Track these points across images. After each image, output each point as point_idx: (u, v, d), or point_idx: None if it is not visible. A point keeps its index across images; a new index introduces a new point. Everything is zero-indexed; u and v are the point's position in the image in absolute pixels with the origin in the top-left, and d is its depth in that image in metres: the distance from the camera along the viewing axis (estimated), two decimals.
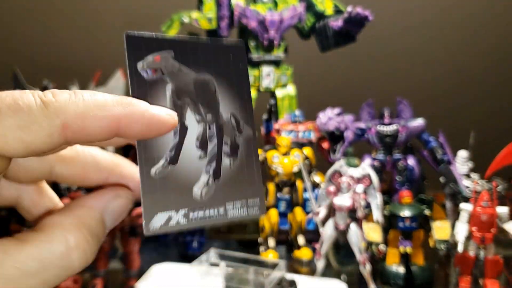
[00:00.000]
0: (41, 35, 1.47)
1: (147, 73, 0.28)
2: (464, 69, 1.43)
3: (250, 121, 0.31)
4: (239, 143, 0.30)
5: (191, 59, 0.29)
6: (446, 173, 0.84)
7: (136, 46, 0.28)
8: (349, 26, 0.96)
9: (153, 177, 0.28)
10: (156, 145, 0.28)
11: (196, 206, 0.29)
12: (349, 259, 0.82)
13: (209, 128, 0.30)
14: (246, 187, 0.30)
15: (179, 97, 0.29)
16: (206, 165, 0.29)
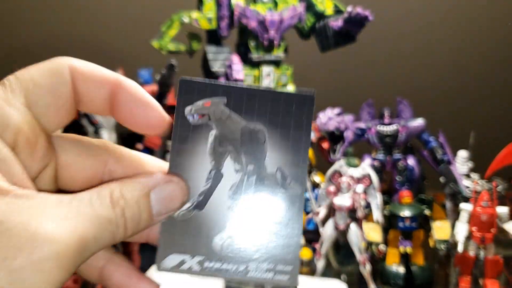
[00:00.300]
0: (41, 35, 1.47)
1: (193, 117, 0.28)
2: (464, 69, 1.43)
3: (301, 179, 0.28)
4: (280, 200, 0.28)
5: (245, 107, 0.28)
6: (446, 173, 0.84)
7: (188, 90, 0.28)
8: (349, 26, 0.96)
9: (175, 219, 0.28)
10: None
11: (214, 256, 0.28)
12: (349, 259, 0.82)
13: (248, 180, 0.28)
14: (279, 250, 0.28)
15: (221, 144, 0.28)
16: (235, 217, 0.28)
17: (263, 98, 0.28)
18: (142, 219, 0.25)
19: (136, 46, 1.17)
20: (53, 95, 0.26)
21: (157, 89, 0.99)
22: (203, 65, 1.02)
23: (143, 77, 1.10)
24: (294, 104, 0.28)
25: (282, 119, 0.28)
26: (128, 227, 0.25)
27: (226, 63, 0.99)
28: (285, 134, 0.28)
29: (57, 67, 0.27)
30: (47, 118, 0.26)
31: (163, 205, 0.26)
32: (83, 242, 0.22)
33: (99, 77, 0.28)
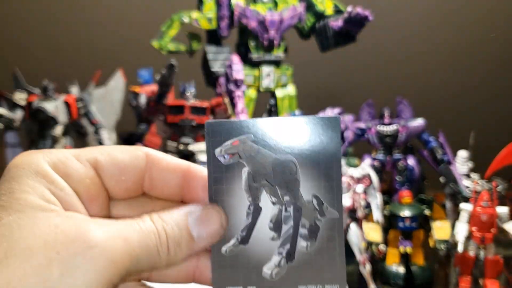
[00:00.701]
0: (41, 35, 1.47)
1: (225, 158, 0.29)
2: (464, 69, 1.43)
3: (337, 203, 0.29)
4: (319, 226, 0.29)
5: (272, 140, 0.29)
6: (446, 173, 0.84)
7: (215, 132, 0.29)
8: (349, 26, 0.96)
9: (223, 255, 0.29)
10: (229, 224, 0.29)
11: (265, 285, 0.29)
12: (349, 259, 0.82)
13: (286, 210, 0.29)
14: (325, 271, 0.29)
15: (255, 179, 0.29)
16: (279, 247, 0.29)
17: (288, 127, 0.29)
18: (183, 238, 0.27)
19: (136, 46, 1.17)
20: (124, 173, 0.28)
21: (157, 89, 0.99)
22: (203, 65, 1.03)
23: (143, 77, 1.10)
24: (321, 128, 0.29)
25: (311, 147, 0.29)
26: (170, 246, 0.26)
27: (226, 63, 0.99)
28: (316, 161, 0.29)
29: (135, 151, 0.29)
30: (114, 189, 0.29)
31: (201, 226, 0.28)
32: (131, 252, 0.25)
33: (172, 165, 0.30)
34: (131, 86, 1.09)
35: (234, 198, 0.29)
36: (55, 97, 0.95)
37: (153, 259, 0.26)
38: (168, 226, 0.27)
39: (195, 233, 0.28)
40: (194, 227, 0.28)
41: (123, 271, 0.24)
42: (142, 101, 1.05)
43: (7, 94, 0.95)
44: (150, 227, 0.26)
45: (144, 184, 0.29)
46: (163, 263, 0.27)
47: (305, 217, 0.29)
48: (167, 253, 0.26)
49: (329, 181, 0.29)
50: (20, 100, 0.94)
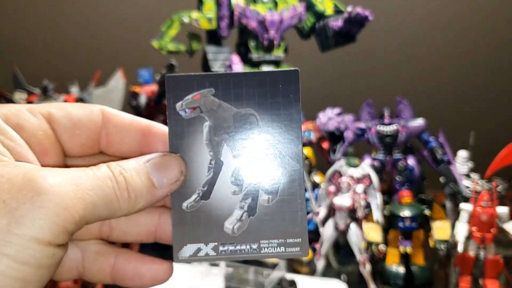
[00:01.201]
0: (41, 35, 1.47)
1: (186, 112, 0.29)
2: (464, 69, 1.43)
3: (298, 155, 0.29)
4: (281, 178, 0.29)
5: (233, 94, 0.29)
6: (446, 173, 0.84)
7: (176, 86, 0.29)
8: (349, 26, 0.96)
9: (184, 211, 0.29)
10: (189, 180, 0.29)
11: (227, 240, 0.29)
12: (349, 259, 0.82)
13: (247, 163, 0.29)
14: (287, 225, 0.29)
15: (216, 133, 0.29)
16: (241, 201, 0.29)
17: (249, 81, 0.29)
18: (143, 184, 0.27)
19: (136, 46, 1.17)
20: (78, 127, 0.28)
21: (157, 89, 0.99)
22: (203, 65, 1.02)
23: (143, 77, 1.10)
24: (280, 82, 0.29)
25: (271, 100, 0.29)
26: (130, 192, 0.26)
27: (226, 63, 0.99)
28: (276, 114, 0.29)
29: (91, 108, 0.29)
30: (68, 144, 0.28)
31: (161, 172, 0.28)
32: (84, 198, 0.24)
33: (129, 122, 0.29)
34: (131, 86, 1.09)
35: (196, 152, 0.29)
36: (55, 97, 0.95)
37: (112, 205, 0.25)
38: (127, 173, 0.26)
39: (155, 179, 0.27)
40: (154, 173, 0.27)
41: (77, 218, 0.23)
42: (142, 101, 1.05)
43: (7, 94, 0.95)
44: (106, 173, 0.26)
45: (100, 141, 0.29)
46: (123, 210, 0.26)
47: (266, 169, 0.29)
48: (128, 199, 0.26)
49: (289, 133, 0.29)
50: (20, 100, 0.94)
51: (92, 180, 0.25)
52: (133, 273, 0.29)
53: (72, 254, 0.29)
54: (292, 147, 0.29)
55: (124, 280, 0.29)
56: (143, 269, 0.29)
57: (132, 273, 0.29)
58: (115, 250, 0.30)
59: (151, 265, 0.30)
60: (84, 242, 0.30)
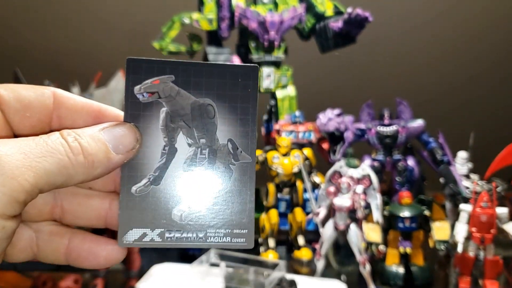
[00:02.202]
0: (42, 36, 1.47)
1: (143, 96, 0.29)
2: (464, 70, 1.43)
3: (251, 149, 0.30)
4: (233, 169, 0.30)
5: (193, 83, 0.29)
6: (445, 174, 0.84)
7: (136, 69, 0.29)
8: (349, 27, 0.97)
9: (133, 194, 0.29)
10: (141, 163, 0.29)
11: (174, 227, 0.29)
12: (349, 260, 0.82)
13: (201, 152, 0.30)
14: (234, 216, 0.30)
15: (173, 120, 0.29)
16: (191, 189, 0.29)
17: (209, 72, 0.29)
18: (100, 150, 0.27)
19: (137, 47, 1.17)
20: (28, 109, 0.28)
21: None
22: None
23: None
24: (240, 76, 0.30)
25: (230, 92, 0.30)
26: (87, 157, 0.26)
27: None
28: (234, 107, 0.30)
29: (42, 91, 0.29)
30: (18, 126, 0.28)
31: (117, 139, 0.28)
32: (34, 166, 0.24)
33: (81, 104, 0.29)
34: None
35: (150, 137, 0.29)
36: None
37: (66, 171, 0.25)
38: (82, 139, 0.26)
39: (111, 145, 0.27)
40: (109, 139, 0.27)
41: (28, 186, 0.23)
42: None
43: None
44: (57, 139, 0.25)
45: (52, 124, 0.29)
46: (80, 175, 0.26)
47: (220, 160, 0.30)
48: (84, 163, 0.26)
49: (245, 126, 0.30)
50: None
51: (42, 147, 0.25)
52: (88, 253, 0.29)
53: (26, 234, 0.29)
54: (246, 141, 0.30)
55: (78, 260, 0.29)
56: (98, 249, 0.29)
57: (87, 253, 0.29)
58: (69, 231, 0.30)
59: (105, 245, 0.30)
60: (37, 223, 0.30)
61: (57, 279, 0.78)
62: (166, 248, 0.95)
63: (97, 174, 0.27)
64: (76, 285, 0.77)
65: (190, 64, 0.29)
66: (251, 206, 0.30)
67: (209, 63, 0.30)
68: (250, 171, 0.30)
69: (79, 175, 0.26)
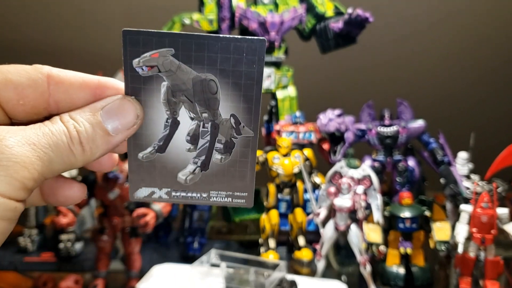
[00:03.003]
0: (42, 36, 1.47)
1: (143, 70, 0.28)
2: (464, 70, 1.43)
3: (254, 123, 0.30)
4: (235, 142, 0.30)
5: (194, 57, 0.28)
6: (446, 175, 0.84)
7: (133, 42, 0.28)
8: (350, 28, 0.97)
9: (140, 160, 0.30)
10: (146, 134, 0.30)
11: (179, 188, 0.31)
12: (349, 260, 0.82)
13: (203, 126, 0.30)
14: (236, 181, 0.31)
15: (174, 94, 0.29)
16: (195, 157, 0.30)
17: (212, 46, 0.28)
18: (97, 134, 0.27)
19: None
20: (21, 97, 0.27)
21: None
22: None
23: None
24: (245, 51, 0.28)
25: (233, 68, 0.28)
26: (84, 144, 0.26)
27: None
28: (237, 82, 0.29)
29: (35, 73, 0.28)
30: (13, 112, 0.28)
31: (115, 118, 0.28)
32: (42, 156, 0.25)
33: (78, 83, 0.28)
34: None
35: (152, 110, 0.29)
36: None
37: (68, 159, 0.26)
38: (80, 126, 0.27)
39: (109, 126, 0.27)
40: (108, 120, 0.27)
41: (36, 175, 0.25)
42: None
43: None
44: (61, 128, 0.26)
45: (50, 109, 0.28)
46: (80, 162, 0.27)
47: (222, 133, 0.30)
48: (82, 152, 0.27)
49: (248, 103, 0.29)
50: None
51: (48, 137, 0.26)
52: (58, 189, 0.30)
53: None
54: (249, 117, 0.30)
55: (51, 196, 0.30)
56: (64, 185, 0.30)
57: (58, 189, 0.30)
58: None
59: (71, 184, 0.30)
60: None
61: (57, 279, 0.78)
62: (167, 249, 0.95)
63: (97, 157, 0.28)
64: (76, 286, 0.77)
65: (191, 37, 0.28)
66: (252, 173, 0.31)
67: (211, 36, 0.28)
68: (252, 144, 0.30)
69: (80, 161, 0.27)
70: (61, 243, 0.85)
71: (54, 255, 0.87)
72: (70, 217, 0.85)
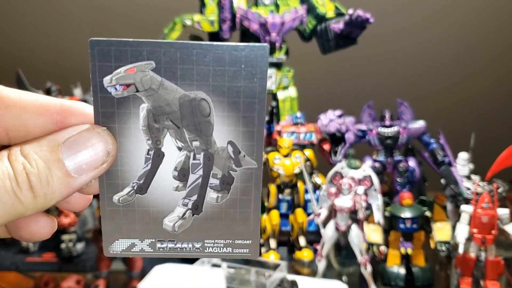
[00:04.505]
0: (44, 38, 1.48)
1: (116, 89, 0.23)
2: (465, 71, 1.43)
3: (257, 152, 0.24)
4: (234, 176, 0.25)
5: (180, 70, 0.23)
6: (447, 175, 0.84)
7: (103, 55, 0.23)
8: (350, 29, 0.97)
9: (115, 204, 0.25)
10: (122, 170, 0.24)
11: (166, 237, 0.25)
12: (350, 260, 0.82)
13: (194, 158, 0.25)
14: (236, 226, 0.26)
15: (157, 119, 0.24)
16: (184, 198, 0.25)
17: (202, 57, 0.23)
18: (53, 175, 0.22)
19: None
20: None
21: None
22: None
23: None
24: (243, 61, 0.23)
25: (229, 83, 0.23)
26: (36, 187, 0.21)
27: None
28: (235, 103, 0.24)
29: None
30: None
31: (79, 156, 0.22)
32: None
33: (34, 109, 0.23)
34: None
35: (129, 139, 0.24)
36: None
37: (13, 209, 0.21)
38: (32, 165, 0.21)
39: (70, 166, 0.22)
40: (69, 157, 0.22)
41: None
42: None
43: None
44: (5, 170, 0.21)
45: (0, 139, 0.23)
46: (29, 211, 0.22)
47: (218, 166, 0.25)
48: (33, 199, 0.21)
49: (249, 126, 0.24)
50: None
51: None
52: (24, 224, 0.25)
53: None
54: (251, 143, 0.24)
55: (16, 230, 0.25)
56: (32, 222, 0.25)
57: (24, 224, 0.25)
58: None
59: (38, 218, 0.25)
60: None
61: (59, 279, 0.79)
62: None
63: (53, 203, 0.22)
64: (78, 286, 0.77)
65: (176, 45, 0.23)
66: (256, 215, 0.25)
67: (201, 44, 0.23)
68: (255, 178, 0.25)
69: (30, 211, 0.22)
70: (62, 243, 0.86)
71: (55, 256, 0.87)
72: (72, 217, 0.86)
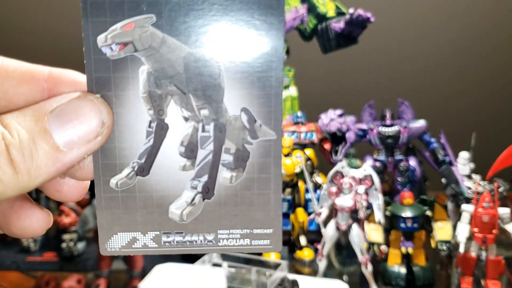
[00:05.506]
0: (43, 36, 1.48)
1: (112, 49, 0.20)
2: (465, 70, 1.43)
3: (275, 121, 0.21)
4: (249, 151, 0.22)
5: (184, 26, 0.20)
6: (447, 174, 0.84)
7: (97, 9, 0.20)
8: (351, 28, 0.97)
9: (113, 190, 0.21)
10: (119, 147, 0.21)
11: (173, 229, 0.22)
12: (350, 260, 0.82)
13: (203, 129, 0.21)
14: (254, 212, 0.22)
15: (159, 84, 0.21)
16: (193, 179, 0.22)
17: (210, 7, 0.20)
18: (39, 148, 0.18)
19: None
20: None
21: None
22: None
23: None
24: (256, 10, 0.20)
25: (242, 40, 0.20)
26: (17, 161, 0.18)
27: None
28: (248, 62, 0.20)
29: None
30: None
31: (70, 127, 0.19)
32: None
33: (16, 72, 0.20)
34: None
35: (128, 109, 0.21)
36: None
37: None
38: (13, 135, 0.18)
39: (60, 138, 0.19)
40: (58, 129, 0.19)
41: None
42: None
43: None
44: None
45: None
46: (9, 190, 0.18)
47: (230, 139, 0.21)
48: (14, 175, 0.18)
49: (266, 89, 0.21)
50: None
51: None
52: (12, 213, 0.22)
53: None
54: (268, 109, 0.21)
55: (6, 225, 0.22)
56: (24, 212, 0.22)
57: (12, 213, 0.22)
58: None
59: (31, 208, 0.22)
60: None
61: (60, 279, 0.79)
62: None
63: (39, 182, 0.19)
64: (79, 285, 0.77)
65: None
66: (277, 198, 0.22)
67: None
68: (274, 152, 0.21)
69: (10, 190, 0.18)
70: (63, 242, 0.86)
71: (56, 255, 0.88)
72: (73, 216, 0.86)
